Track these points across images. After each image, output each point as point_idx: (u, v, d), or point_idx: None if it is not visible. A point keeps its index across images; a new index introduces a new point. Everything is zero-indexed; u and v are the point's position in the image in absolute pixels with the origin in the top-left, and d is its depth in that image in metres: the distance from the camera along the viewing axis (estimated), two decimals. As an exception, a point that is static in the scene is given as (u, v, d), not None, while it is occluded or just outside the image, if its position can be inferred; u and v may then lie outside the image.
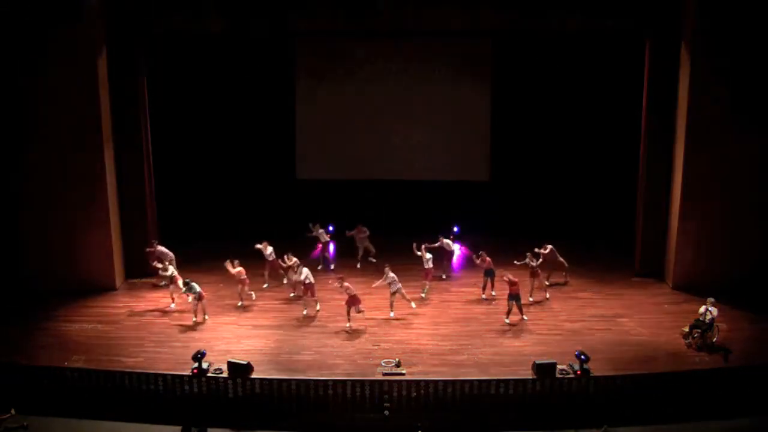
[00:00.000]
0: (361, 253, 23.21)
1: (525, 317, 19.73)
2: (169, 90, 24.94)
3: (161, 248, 21.54)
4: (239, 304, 20.59)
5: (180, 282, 20.25)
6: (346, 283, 19.41)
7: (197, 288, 19.61)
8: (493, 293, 20.94)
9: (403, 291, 19.89)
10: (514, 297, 19.49)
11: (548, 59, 25.60)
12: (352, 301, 19.34)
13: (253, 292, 20.92)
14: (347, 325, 19.43)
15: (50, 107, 20.24)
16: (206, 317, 19.82)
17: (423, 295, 20.98)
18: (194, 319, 19.74)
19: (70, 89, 20.20)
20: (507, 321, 19.58)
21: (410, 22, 21.02)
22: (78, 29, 19.89)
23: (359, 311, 19.40)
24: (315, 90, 26.76)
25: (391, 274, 19.77)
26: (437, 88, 26.30)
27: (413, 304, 20.08)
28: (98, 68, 20.37)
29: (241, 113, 26.91)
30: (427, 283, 21.19)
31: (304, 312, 20.16)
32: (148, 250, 21.56)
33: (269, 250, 21.44)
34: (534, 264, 20.59)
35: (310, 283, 20.16)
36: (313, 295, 20.28)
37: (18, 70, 19.94)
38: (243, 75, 26.49)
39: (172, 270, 20.52)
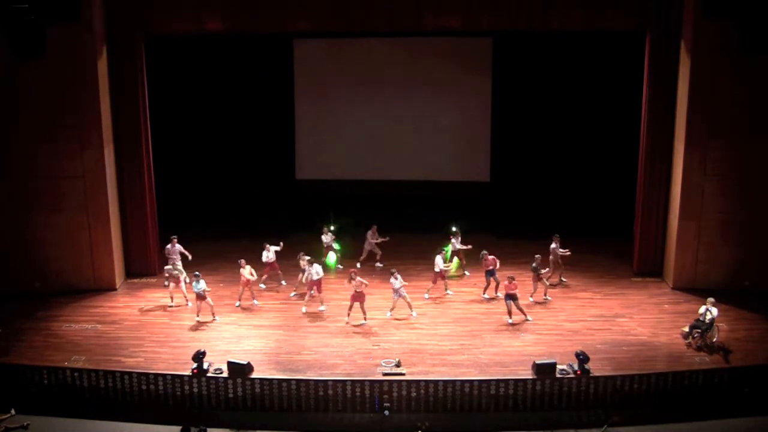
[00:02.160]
0: (364, 255, 22.90)
1: (529, 318, 19.68)
2: (169, 90, 24.96)
3: (179, 247, 21.59)
4: (256, 302, 20.64)
5: (183, 285, 20.41)
6: (358, 278, 19.40)
7: (200, 284, 19.54)
8: (499, 294, 20.72)
9: (408, 299, 19.88)
10: (510, 297, 19.48)
11: (548, 59, 25.63)
12: (357, 297, 19.40)
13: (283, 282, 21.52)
14: (345, 319, 19.50)
15: (50, 107, 20.23)
16: (197, 318, 19.76)
17: (426, 296, 21.01)
18: (197, 318, 19.77)
19: (70, 89, 20.19)
20: (510, 321, 19.57)
21: (410, 23, 20.99)
22: (78, 29, 19.88)
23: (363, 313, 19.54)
24: (314, 90, 26.80)
25: (399, 279, 19.67)
26: (437, 89, 26.32)
27: (414, 313, 19.97)
28: (98, 68, 20.37)
29: (241, 113, 26.95)
30: (432, 285, 21.06)
31: (304, 309, 20.21)
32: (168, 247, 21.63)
33: (271, 251, 21.27)
34: (545, 269, 20.67)
35: (318, 280, 20.22)
36: (319, 292, 20.33)
37: (18, 69, 19.92)
38: (243, 75, 26.52)
39: (178, 271, 20.61)
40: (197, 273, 19.92)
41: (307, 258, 20.69)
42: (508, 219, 25.64)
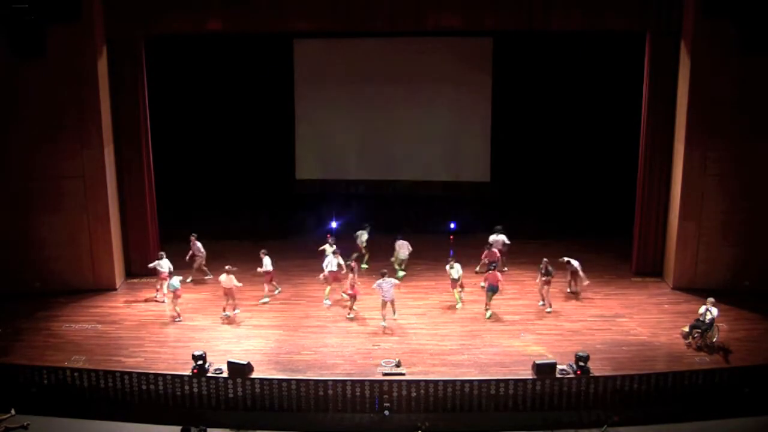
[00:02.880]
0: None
1: (488, 314, 19.82)
2: (169, 90, 24.96)
3: (198, 244, 21.75)
4: (227, 313, 19.87)
5: (165, 284, 20.45)
6: (351, 272, 19.71)
7: (175, 282, 19.78)
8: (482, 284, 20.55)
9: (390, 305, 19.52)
10: (492, 289, 19.77)
11: (548, 59, 25.62)
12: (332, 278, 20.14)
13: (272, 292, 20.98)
14: (350, 314, 19.82)
15: (50, 107, 20.23)
16: (177, 315, 19.92)
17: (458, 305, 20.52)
18: (158, 296, 20.43)
19: (70, 89, 20.19)
20: (487, 316, 19.79)
21: (410, 22, 20.99)
22: (78, 28, 19.88)
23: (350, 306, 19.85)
24: (314, 90, 26.80)
25: (382, 284, 19.24)
26: (437, 88, 26.31)
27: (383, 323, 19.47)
28: (98, 68, 20.37)
29: (241, 113, 26.95)
30: (456, 291, 20.44)
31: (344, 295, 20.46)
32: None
33: (266, 261, 20.62)
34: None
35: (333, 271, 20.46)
36: (336, 281, 20.51)
37: (18, 69, 19.91)
38: (243, 75, 26.51)
39: (159, 264, 20.68)
40: (161, 253, 20.41)
41: (332, 249, 20.92)
42: (508, 219, 25.56)
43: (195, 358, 17.16)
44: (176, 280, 19.78)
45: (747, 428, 16.67)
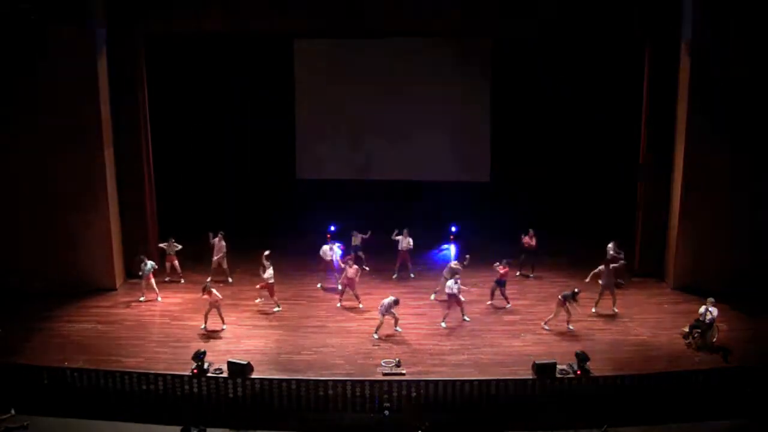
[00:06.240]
0: (398, 264, 22.51)
1: (508, 305, 20.24)
2: (169, 90, 24.93)
3: (222, 243, 21.95)
4: (202, 326, 19.48)
5: (153, 281, 20.82)
6: (353, 266, 20.22)
7: (147, 266, 20.58)
8: (508, 305, 20.57)
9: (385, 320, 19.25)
10: (500, 282, 20.06)
11: (548, 59, 25.60)
12: (348, 283, 20.28)
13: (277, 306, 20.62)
14: (338, 305, 20.48)
15: (50, 107, 20.24)
16: (142, 299, 20.78)
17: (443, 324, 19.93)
18: (142, 298, 20.84)
19: (70, 89, 20.19)
20: (489, 303, 20.33)
21: (410, 22, 21.00)
22: (78, 29, 19.88)
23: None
24: (314, 90, 26.75)
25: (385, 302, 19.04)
26: (437, 88, 26.27)
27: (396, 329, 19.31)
28: (98, 68, 20.37)
29: (241, 113, 26.92)
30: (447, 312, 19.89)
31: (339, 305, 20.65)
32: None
33: (269, 272, 20.23)
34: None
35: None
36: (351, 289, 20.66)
37: (18, 69, 19.93)
38: (243, 75, 26.50)
39: (150, 265, 20.83)
40: (142, 256, 20.75)
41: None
42: (508, 219, 25.56)
43: (195, 357, 17.18)
44: (150, 264, 20.67)
45: (747, 428, 16.66)
